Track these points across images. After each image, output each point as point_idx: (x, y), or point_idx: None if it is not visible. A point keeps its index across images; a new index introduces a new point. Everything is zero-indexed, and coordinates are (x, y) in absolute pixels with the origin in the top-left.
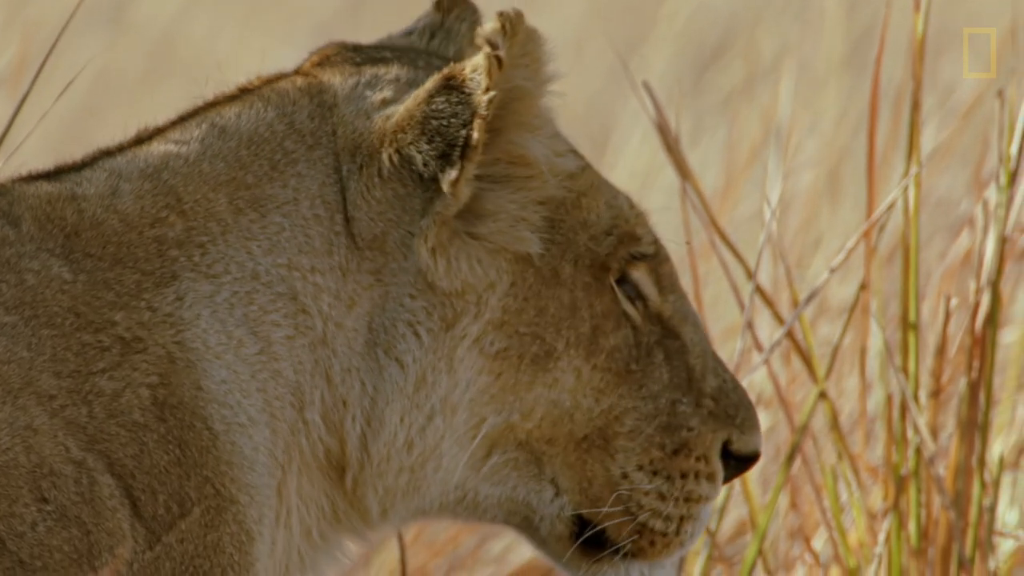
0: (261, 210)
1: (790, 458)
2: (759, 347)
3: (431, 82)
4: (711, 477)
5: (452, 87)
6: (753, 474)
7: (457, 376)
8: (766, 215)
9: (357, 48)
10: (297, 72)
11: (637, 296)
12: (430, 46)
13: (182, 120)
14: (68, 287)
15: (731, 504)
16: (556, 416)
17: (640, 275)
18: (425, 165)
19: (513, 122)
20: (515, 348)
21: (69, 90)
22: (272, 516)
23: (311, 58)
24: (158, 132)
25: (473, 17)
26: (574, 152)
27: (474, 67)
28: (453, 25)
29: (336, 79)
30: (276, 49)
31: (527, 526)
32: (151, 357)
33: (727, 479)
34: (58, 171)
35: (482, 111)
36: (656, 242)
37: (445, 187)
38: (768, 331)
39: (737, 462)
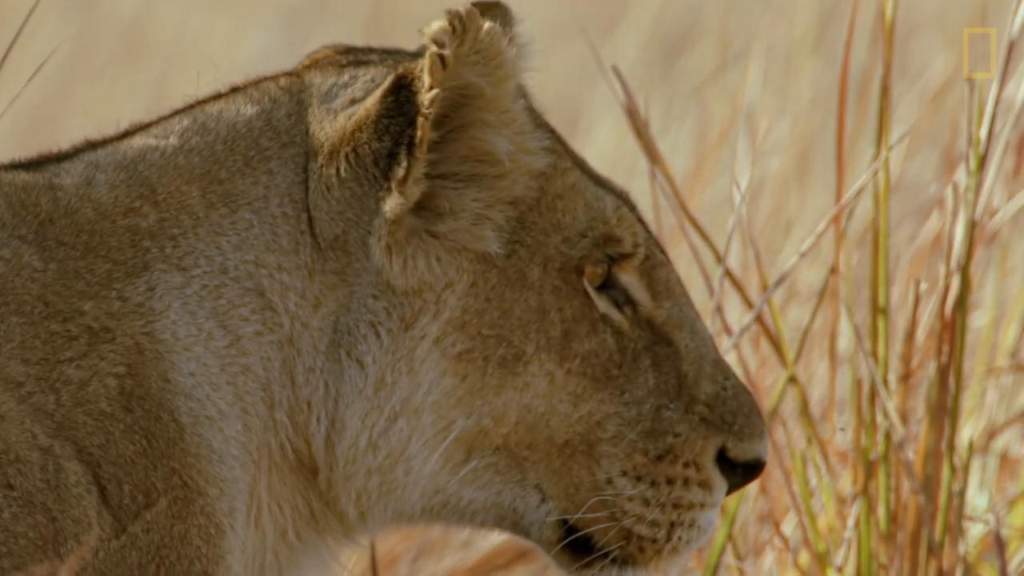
0: (232, 205)
1: None
2: (728, 331)
3: (387, 81)
4: (704, 484)
5: (402, 86)
6: None
7: (419, 378)
8: (736, 199)
9: (349, 50)
10: (287, 73)
11: (626, 301)
12: None
13: (167, 116)
14: (38, 275)
15: None
16: (531, 421)
17: (630, 279)
18: (376, 164)
19: (476, 119)
20: (479, 350)
21: (39, 74)
22: (244, 512)
23: (304, 60)
24: (143, 127)
25: (505, 20)
26: (553, 152)
27: (422, 66)
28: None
29: (317, 79)
30: (245, 34)
31: (519, 531)
32: (119, 347)
33: (734, 487)
34: (39, 161)
35: (424, 110)
36: (645, 245)
37: (394, 185)
38: (738, 315)
39: (744, 470)
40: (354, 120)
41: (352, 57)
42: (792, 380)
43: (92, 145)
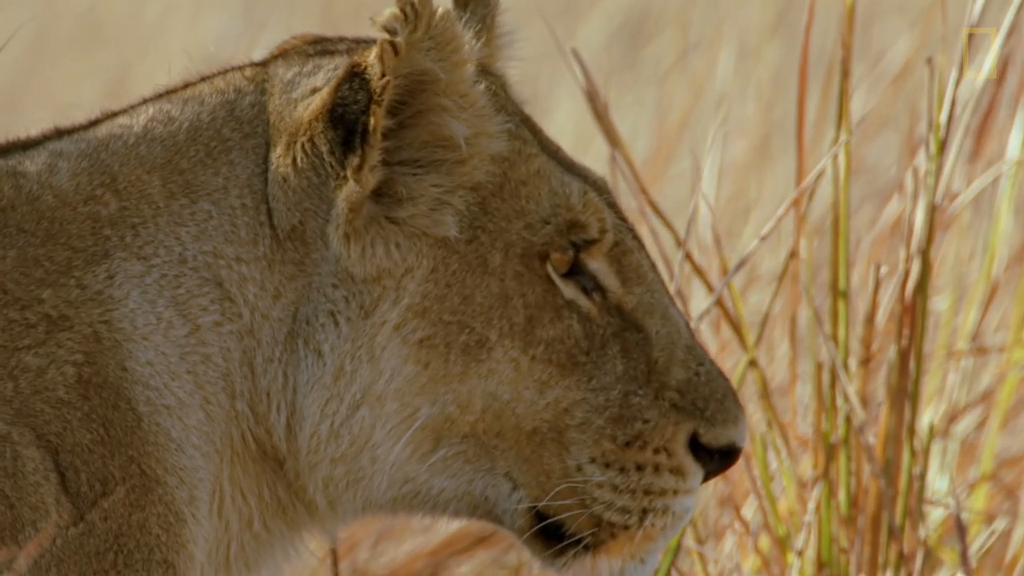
0: (192, 196)
1: None
2: (689, 315)
3: (341, 70)
4: (676, 470)
5: (355, 74)
6: None
7: (380, 365)
8: (696, 183)
9: (318, 40)
10: (254, 63)
11: (595, 287)
12: None
13: (135, 104)
14: None
15: None
16: (498, 408)
17: (599, 265)
18: (332, 153)
19: (433, 104)
20: (441, 336)
21: None
22: (208, 501)
23: (274, 50)
24: (111, 115)
25: (487, 9)
26: (519, 137)
27: (375, 54)
28: (470, 18)
29: (281, 69)
30: (204, 17)
31: (493, 519)
32: (77, 335)
33: (711, 474)
34: (6, 148)
35: (377, 97)
36: (613, 231)
37: (349, 173)
38: (698, 299)
39: (720, 456)
40: (310, 109)
41: (320, 47)
42: (752, 364)
43: (59, 133)
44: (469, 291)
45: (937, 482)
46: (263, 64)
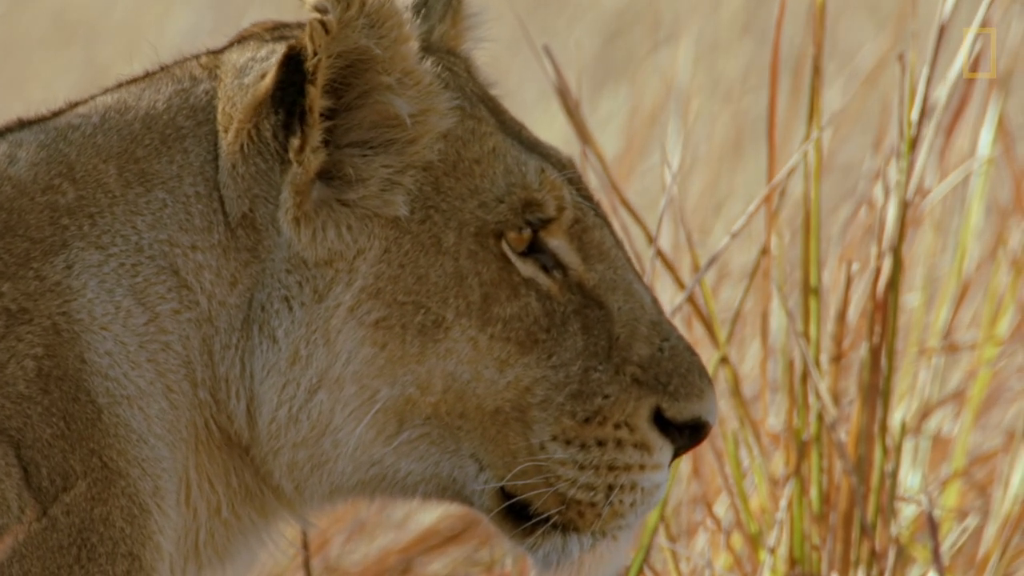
0: (147, 184)
1: None
2: None
3: (281, 53)
4: (640, 445)
5: (291, 56)
6: None
7: (336, 348)
8: (667, 180)
9: (276, 27)
10: (211, 51)
11: (556, 265)
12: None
13: (95, 95)
14: None
15: None
16: (458, 389)
17: (559, 243)
18: (275, 137)
19: (377, 83)
20: (396, 317)
21: None
22: (174, 491)
23: (233, 37)
24: (72, 106)
25: None
26: (473, 117)
27: (305, 34)
28: (433, 3)
29: (235, 55)
30: (173, 12)
31: (463, 501)
32: (36, 328)
33: (682, 449)
34: None
35: (309, 77)
36: (573, 208)
37: (292, 156)
38: (669, 296)
39: (691, 432)
40: (253, 94)
41: (278, 32)
42: (724, 361)
43: (22, 124)
44: (423, 271)
45: (909, 479)
46: (220, 51)
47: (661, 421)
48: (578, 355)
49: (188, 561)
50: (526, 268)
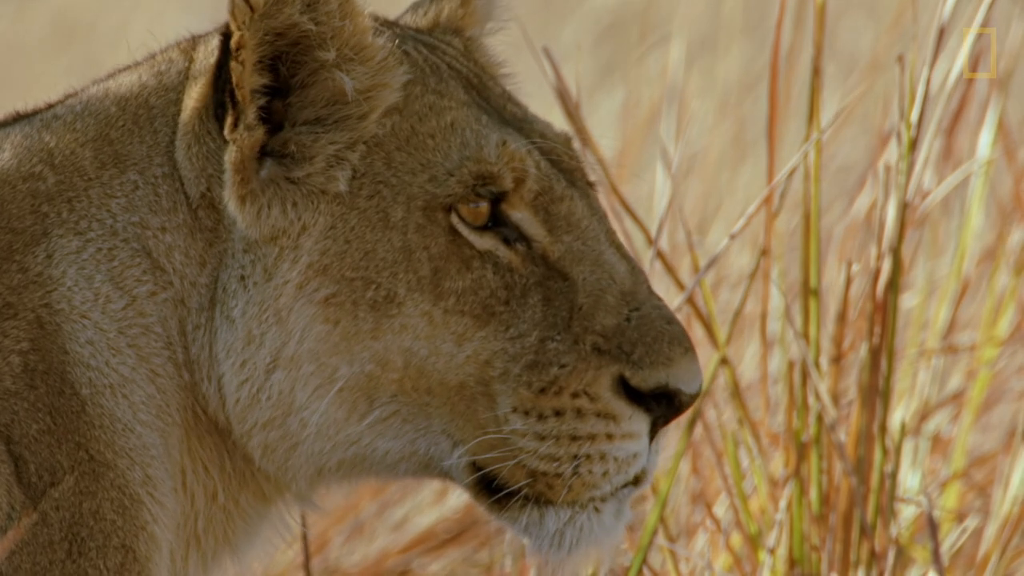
0: (120, 166)
1: (691, 424)
2: None
3: (221, 34)
4: (603, 414)
5: (225, 36)
6: None
7: (288, 327)
8: (666, 181)
9: None
10: (194, 36)
11: (519, 237)
12: (417, 17)
13: (85, 87)
14: None
15: None
16: (418, 364)
17: (522, 216)
18: (216, 117)
19: (323, 61)
20: (346, 293)
21: None
22: (168, 478)
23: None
24: (64, 99)
25: None
26: (434, 91)
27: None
28: None
29: (214, 38)
30: (171, 16)
31: (445, 477)
32: (21, 323)
33: (662, 420)
34: None
35: (234, 54)
36: (538, 180)
37: (227, 135)
38: (669, 297)
39: (667, 402)
40: (203, 75)
41: None
42: (724, 362)
43: (17, 117)
44: (370, 246)
45: (909, 480)
46: (205, 35)
47: (631, 391)
48: (535, 326)
49: (190, 548)
50: (484, 241)
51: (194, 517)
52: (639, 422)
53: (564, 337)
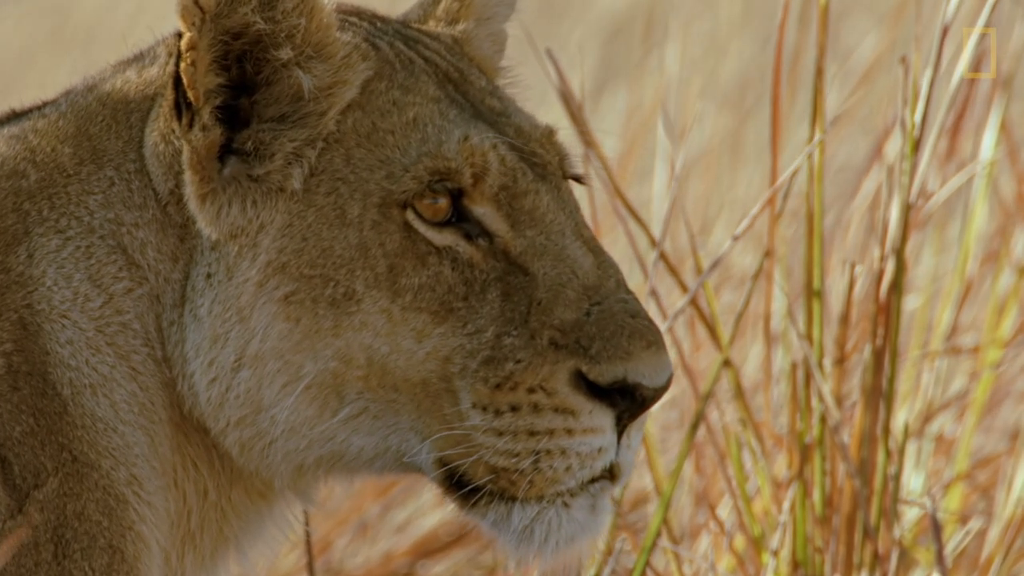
0: (98, 162)
1: (694, 426)
2: (663, 314)
3: (175, 35)
4: (561, 409)
5: (179, 36)
6: (656, 442)
7: (250, 325)
8: (669, 183)
9: None
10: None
11: (481, 233)
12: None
13: (73, 86)
14: None
15: (635, 472)
16: (380, 361)
17: (485, 211)
18: (176, 117)
19: (283, 59)
20: (306, 291)
21: None
22: (155, 477)
23: None
24: (55, 99)
25: None
26: (400, 87)
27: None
28: None
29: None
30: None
31: (422, 475)
32: (5, 324)
33: (628, 415)
34: None
35: (184, 54)
36: (500, 175)
37: (181, 135)
38: (672, 298)
39: (630, 396)
40: (167, 74)
41: None
42: (727, 363)
43: (12, 115)
44: (327, 243)
45: (912, 482)
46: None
47: (591, 385)
48: (493, 321)
49: (186, 547)
50: (443, 237)
51: (187, 515)
52: (600, 416)
53: (521, 332)
